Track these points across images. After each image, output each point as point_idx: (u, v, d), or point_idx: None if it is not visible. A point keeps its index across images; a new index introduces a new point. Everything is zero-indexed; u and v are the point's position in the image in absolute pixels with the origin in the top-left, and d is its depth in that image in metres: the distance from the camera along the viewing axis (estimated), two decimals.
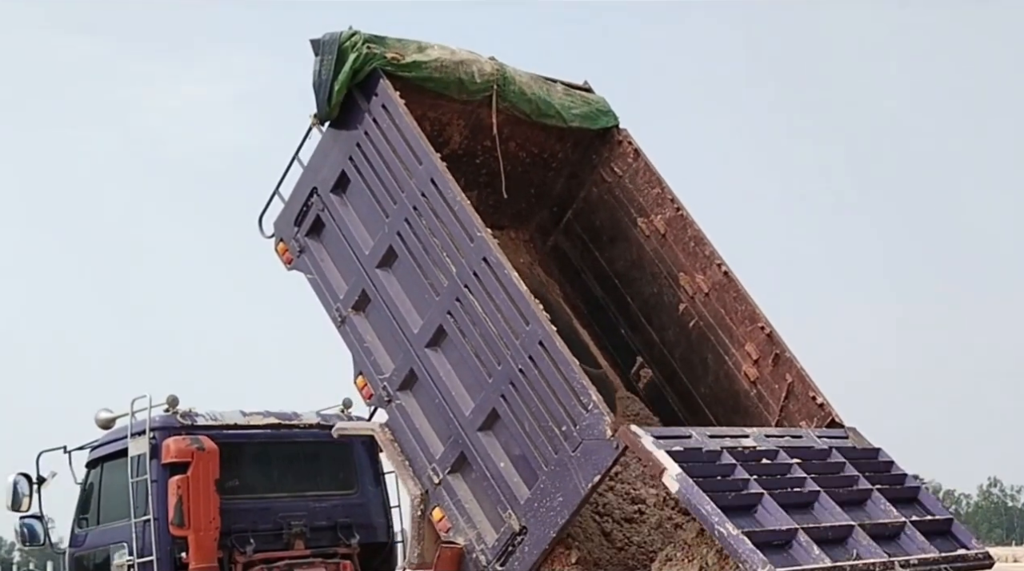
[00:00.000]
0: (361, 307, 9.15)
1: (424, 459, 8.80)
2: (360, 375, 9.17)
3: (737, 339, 9.89)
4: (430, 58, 9.30)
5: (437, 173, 8.62)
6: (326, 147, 9.33)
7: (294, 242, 9.50)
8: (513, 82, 9.80)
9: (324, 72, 9.01)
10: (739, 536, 7.13)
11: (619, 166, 10.50)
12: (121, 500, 10.64)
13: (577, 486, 7.93)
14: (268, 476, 11.08)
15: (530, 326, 8.16)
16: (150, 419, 10.43)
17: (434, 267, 8.67)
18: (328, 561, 10.93)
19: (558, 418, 8.02)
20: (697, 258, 10.09)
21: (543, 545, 8.12)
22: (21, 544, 11.92)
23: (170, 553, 10.22)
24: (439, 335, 8.69)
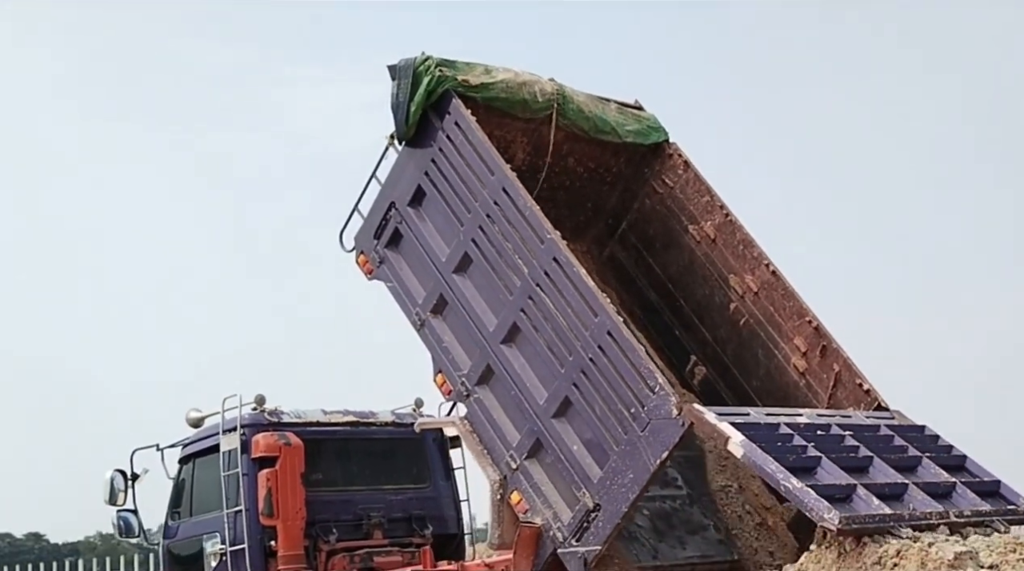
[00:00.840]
0: (439, 310, 9.93)
1: (502, 447, 9.52)
2: (439, 373, 9.93)
3: (786, 334, 10.59)
4: (496, 79, 10.11)
5: (508, 182, 9.42)
6: (402, 164, 10.14)
7: (374, 254, 10.29)
8: (572, 101, 10.60)
9: (401, 95, 9.83)
10: (804, 488, 7.81)
11: (670, 178, 11.25)
12: (213, 493, 11.41)
13: (647, 463, 8.64)
14: (348, 470, 11.84)
15: (599, 318, 8.91)
16: (240, 417, 11.23)
17: (507, 269, 9.44)
18: (404, 550, 11.67)
19: (627, 401, 8.74)
20: (746, 260, 10.81)
21: (616, 519, 8.83)
22: (118, 536, 12.72)
23: (260, 542, 10.98)
24: (513, 332, 9.45)
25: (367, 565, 11.35)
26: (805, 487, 7.83)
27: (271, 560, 10.98)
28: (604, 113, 10.95)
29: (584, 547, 8.95)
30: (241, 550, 10.99)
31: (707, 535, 10.09)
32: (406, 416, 12.24)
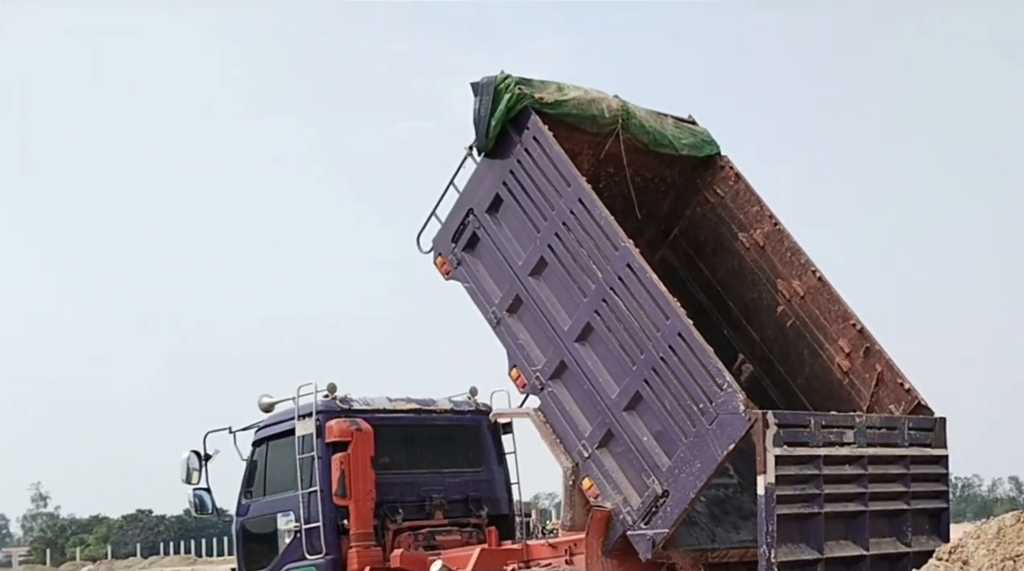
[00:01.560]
0: (515, 309, 10.70)
1: (574, 436, 10.30)
2: (514, 367, 10.71)
3: (830, 335, 11.36)
4: (568, 97, 10.88)
5: (584, 193, 10.20)
6: (481, 174, 10.90)
7: (452, 256, 11.06)
8: (635, 116, 11.36)
9: (483, 110, 10.59)
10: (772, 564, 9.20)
11: (721, 188, 12.02)
12: (287, 474, 12.24)
13: (714, 454, 9.44)
14: (411, 454, 12.70)
15: (670, 321, 9.70)
16: (316, 403, 12.03)
17: (582, 273, 10.21)
18: (463, 530, 12.50)
19: (696, 397, 9.53)
20: (793, 266, 11.58)
21: (684, 505, 9.63)
22: (194, 512, 13.55)
23: (333, 520, 11.84)
24: (587, 331, 10.23)
25: (430, 543, 12.21)
26: (773, 562, 9.26)
27: (343, 537, 11.84)
28: (662, 127, 11.71)
29: (652, 530, 9.74)
30: (315, 528, 11.81)
31: None
32: (463, 403, 13.10)
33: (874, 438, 10.13)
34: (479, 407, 13.18)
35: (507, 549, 11.40)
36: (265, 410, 12.67)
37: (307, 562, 11.93)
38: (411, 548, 11.97)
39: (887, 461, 10.31)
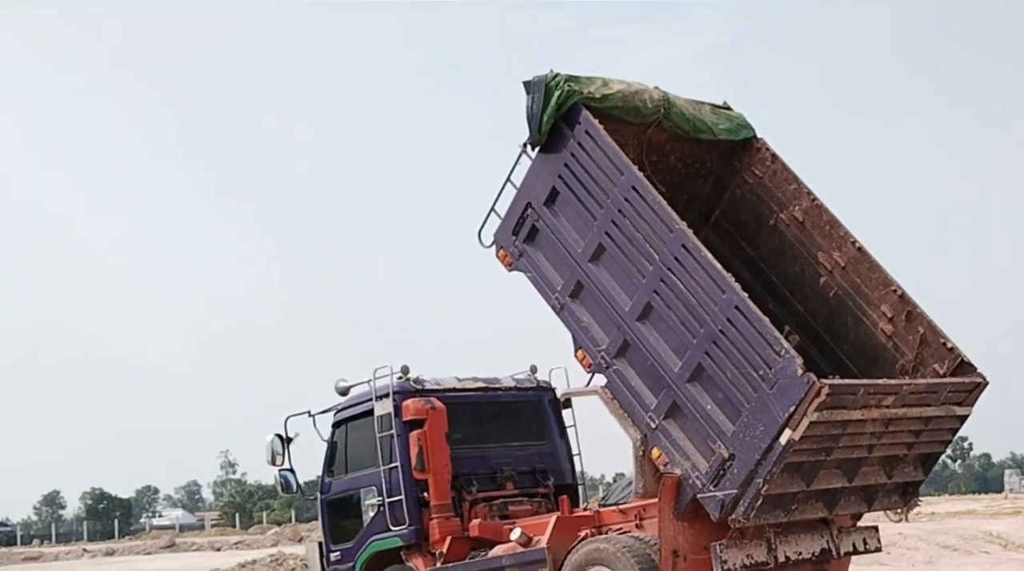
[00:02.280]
0: (576, 294, 11.36)
1: (640, 410, 10.95)
2: (579, 349, 11.36)
3: (872, 302, 11.98)
4: (613, 91, 11.53)
5: (637, 181, 10.86)
6: (537, 168, 11.56)
7: (513, 248, 11.72)
8: (675, 105, 12.01)
9: (535, 107, 11.25)
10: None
11: (759, 169, 12.66)
12: (367, 452, 13.03)
13: (776, 416, 10.07)
14: (481, 430, 13.48)
15: (726, 295, 10.34)
16: (392, 384, 12.73)
17: (640, 256, 10.86)
18: (532, 500, 13.22)
19: (755, 364, 10.17)
20: (833, 239, 12.20)
21: (750, 465, 10.25)
22: (280, 492, 14.36)
23: (414, 493, 12.63)
24: (647, 310, 10.88)
25: (503, 513, 13.00)
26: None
27: (423, 510, 12.62)
28: (701, 114, 12.35)
29: (722, 491, 10.38)
30: (398, 501, 12.58)
31: None
32: (524, 381, 13.85)
33: (911, 401, 10.81)
34: (540, 384, 13.92)
35: (580, 516, 12.06)
36: (342, 393, 13.45)
37: (391, 533, 12.72)
38: (487, 518, 12.70)
39: (911, 420, 11.01)
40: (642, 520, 11.38)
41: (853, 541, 11.72)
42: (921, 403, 10.94)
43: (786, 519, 10.64)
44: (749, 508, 10.14)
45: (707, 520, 10.61)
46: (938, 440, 11.54)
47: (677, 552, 10.69)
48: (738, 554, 10.76)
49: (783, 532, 11.10)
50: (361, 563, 13.17)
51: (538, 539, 11.78)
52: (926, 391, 11.04)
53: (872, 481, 11.16)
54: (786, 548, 11.10)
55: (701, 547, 10.75)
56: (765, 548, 10.95)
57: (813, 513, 10.89)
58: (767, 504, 10.27)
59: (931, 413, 11.05)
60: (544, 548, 11.58)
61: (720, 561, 10.62)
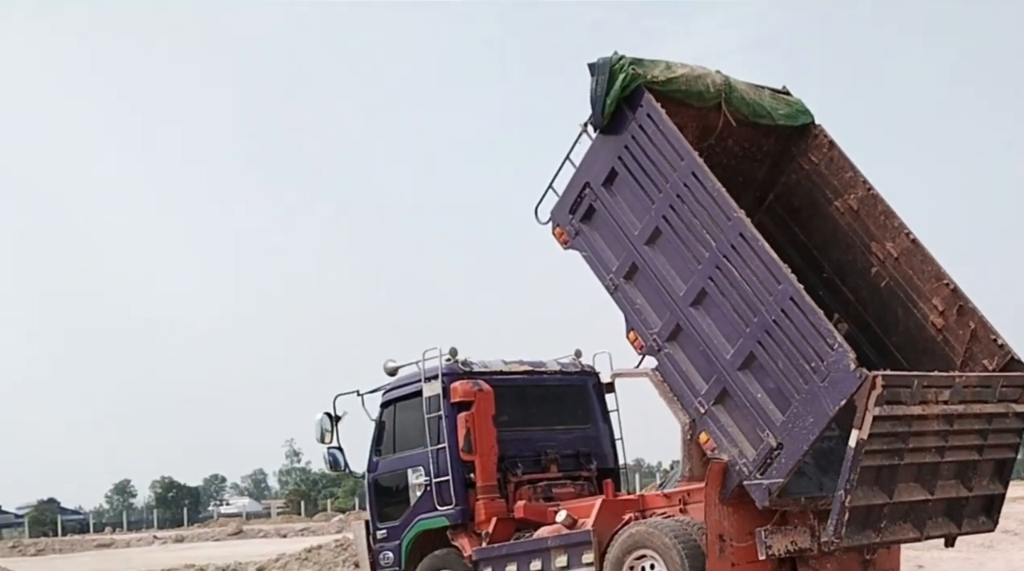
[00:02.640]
0: (631, 276, 11.42)
1: (690, 395, 11.03)
2: (631, 331, 11.44)
3: (924, 295, 11.99)
4: (677, 75, 11.53)
5: (697, 167, 10.89)
6: (596, 149, 11.59)
7: (570, 227, 11.78)
8: (736, 90, 12.01)
9: (599, 89, 11.27)
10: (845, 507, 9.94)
11: (815, 156, 12.64)
12: (416, 432, 13.15)
13: (826, 409, 10.13)
14: (526, 412, 13.59)
15: (782, 285, 10.39)
16: (441, 366, 12.84)
17: (696, 242, 10.90)
18: (575, 483, 13.34)
19: (807, 356, 10.21)
20: (887, 229, 12.19)
21: (797, 456, 10.34)
22: (328, 470, 14.54)
23: (461, 474, 12.75)
24: (701, 296, 10.93)
25: (548, 495, 13.10)
26: (846, 505, 10.06)
27: (470, 490, 12.71)
28: (761, 99, 12.34)
29: (768, 480, 10.47)
30: (445, 481, 12.71)
31: None
32: (569, 365, 13.92)
33: (968, 396, 10.80)
34: (584, 368, 14.00)
35: (625, 499, 12.20)
36: (390, 374, 13.56)
37: (438, 513, 12.85)
38: (532, 500, 12.82)
39: (973, 417, 10.99)
40: (686, 505, 11.49)
41: None
42: (978, 399, 10.92)
43: (878, 539, 10.64)
44: (838, 526, 10.09)
45: (750, 507, 10.72)
46: (1006, 444, 11.46)
47: (723, 537, 10.80)
48: (783, 540, 10.89)
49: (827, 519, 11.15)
50: (407, 542, 13.31)
51: (583, 521, 11.91)
52: (979, 385, 11.03)
53: (953, 494, 11.11)
54: None
55: (746, 533, 10.87)
56: (809, 535, 11.06)
57: (903, 534, 10.88)
58: (855, 522, 10.24)
59: (991, 410, 11.02)
60: (589, 530, 11.71)
61: (765, 546, 10.76)
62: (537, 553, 12.17)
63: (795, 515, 11.04)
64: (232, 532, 53.33)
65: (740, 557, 10.86)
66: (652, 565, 11.23)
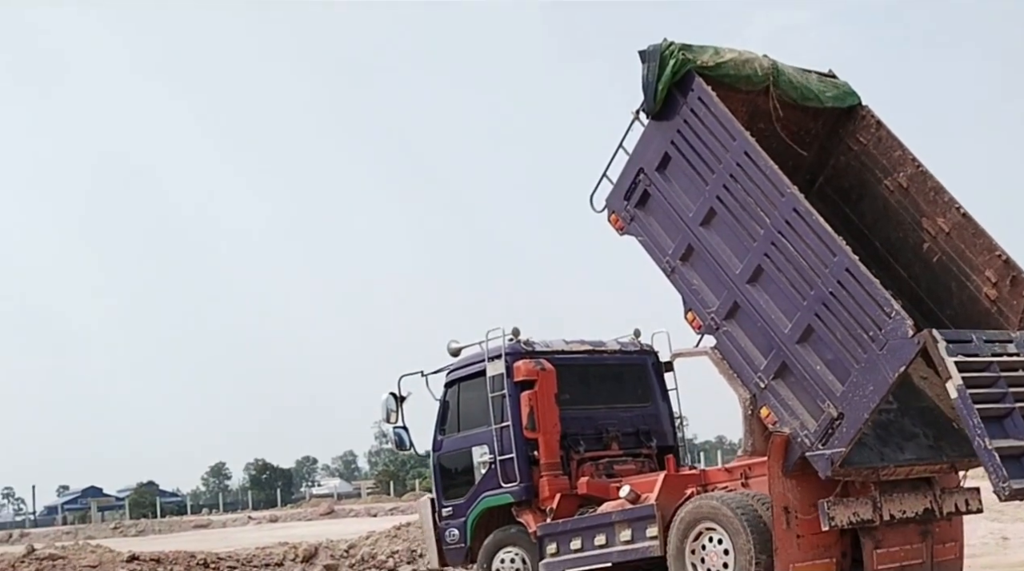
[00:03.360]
0: (687, 258, 11.67)
1: (750, 370, 11.25)
2: (690, 311, 11.68)
3: (976, 267, 12.14)
4: (725, 59, 11.79)
5: (750, 146, 11.13)
6: (649, 135, 11.86)
7: (625, 213, 12.04)
8: (784, 73, 12.25)
9: (650, 76, 11.54)
10: (990, 451, 9.81)
11: (863, 136, 12.84)
12: (480, 411, 13.47)
13: (886, 377, 10.33)
14: (588, 391, 13.88)
15: (837, 257, 10.61)
16: (504, 346, 13.13)
17: (751, 220, 11.14)
18: (636, 460, 13.60)
19: (865, 325, 10.43)
20: (937, 205, 12.37)
21: (858, 425, 10.54)
22: (395, 449, 14.90)
23: (525, 452, 13.05)
24: (758, 273, 11.17)
25: (609, 472, 13.37)
26: (991, 449, 9.81)
27: (534, 468, 13.02)
28: (808, 82, 12.57)
29: (830, 450, 10.67)
30: (509, 459, 13.04)
31: (919, 442, 11.71)
32: (628, 344, 14.21)
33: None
34: (643, 347, 14.26)
35: (687, 475, 12.42)
36: (453, 354, 13.90)
37: (503, 490, 13.16)
38: (594, 476, 13.08)
39: None
40: (747, 479, 11.70)
41: (956, 501, 11.95)
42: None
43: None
44: (998, 469, 9.95)
45: (813, 479, 10.92)
46: None
47: (788, 508, 10.99)
48: (845, 511, 11.06)
49: (888, 491, 11.38)
50: (472, 518, 13.62)
51: (647, 496, 12.14)
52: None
53: None
54: (891, 507, 11.38)
55: (809, 505, 11.06)
56: (871, 506, 11.24)
57: None
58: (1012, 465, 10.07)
59: None
60: (653, 504, 11.94)
61: (827, 517, 10.94)
62: (601, 528, 12.41)
63: (857, 487, 11.22)
64: (324, 512, 54.52)
65: (805, 529, 11.06)
66: (716, 538, 11.44)
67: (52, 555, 18.41)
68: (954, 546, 12.08)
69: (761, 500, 11.26)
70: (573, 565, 12.82)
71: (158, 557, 18.63)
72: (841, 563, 11.16)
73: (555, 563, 12.80)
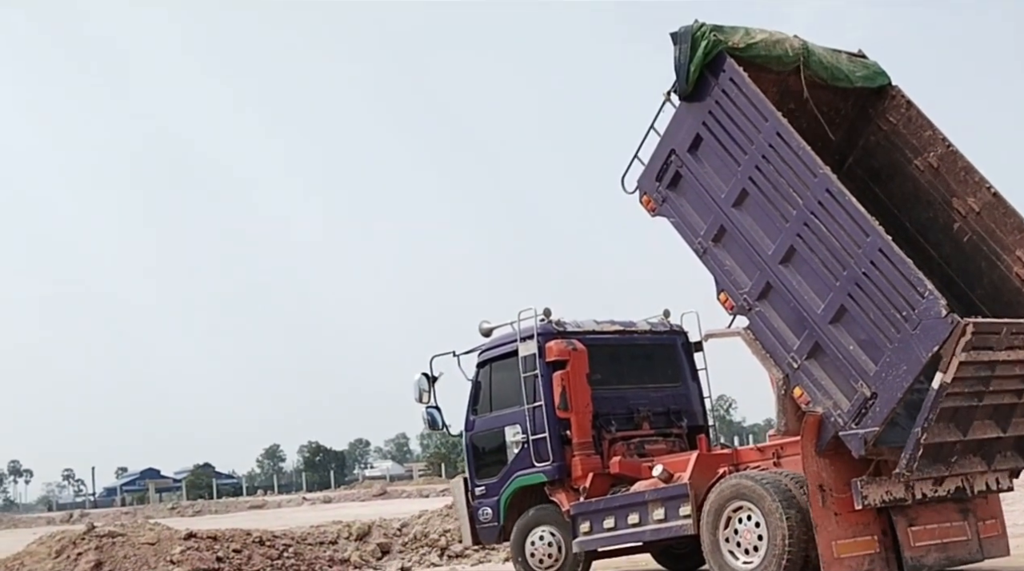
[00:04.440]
0: (719, 239, 11.71)
1: (783, 350, 11.29)
2: (722, 292, 11.72)
3: (1007, 247, 12.17)
4: (756, 40, 11.80)
5: (782, 127, 11.16)
6: (681, 116, 11.89)
7: (657, 194, 12.08)
8: (814, 54, 12.25)
9: (682, 57, 11.57)
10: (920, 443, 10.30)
11: (893, 116, 12.86)
12: (512, 391, 13.57)
13: (919, 356, 10.37)
14: (619, 371, 13.98)
15: (870, 238, 10.63)
16: (536, 326, 13.21)
17: (783, 200, 11.17)
18: (666, 439, 13.68)
19: (898, 306, 10.46)
20: (968, 185, 12.39)
21: (892, 404, 10.58)
22: (427, 428, 15.02)
23: (557, 431, 13.17)
24: (790, 253, 11.19)
25: (641, 451, 13.48)
26: (921, 442, 10.37)
27: (566, 447, 13.13)
28: (838, 62, 12.58)
29: (863, 429, 10.72)
30: (542, 438, 13.13)
31: None
32: (658, 324, 14.29)
33: None
34: (673, 328, 14.33)
35: (719, 454, 12.52)
36: (485, 335, 14.01)
37: (535, 469, 13.27)
38: (626, 456, 13.18)
39: None
40: (779, 458, 11.78)
41: (987, 480, 11.99)
42: None
43: (947, 473, 10.98)
44: (911, 460, 10.45)
45: (846, 458, 10.98)
46: None
47: (823, 487, 11.05)
48: (878, 490, 11.12)
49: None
50: (506, 497, 13.75)
51: (679, 475, 12.22)
52: None
53: None
54: (922, 486, 11.43)
55: (842, 484, 11.12)
56: (903, 485, 11.28)
57: (971, 467, 11.18)
58: (927, 457, 10.56)
59: None
60: (686, 483, 12.02)
61: (861, 496, 11.00)
62: (634, 507, 12.51)
63: (889, 466, 11.24)
64: (376, 493, 55.03)
65: (841, 507, 11.12)
66: (750, 516, 11.52)
67: (112, 532, 18.67)
68: (995, 523, 12.18)
69: (794, 479, 11.34)
70: (606, 543, 12.94)
71: (215, 535, 18.84)
72: (883, 541, 11.20)
73: (588, 541, 12.91)
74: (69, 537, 18.70)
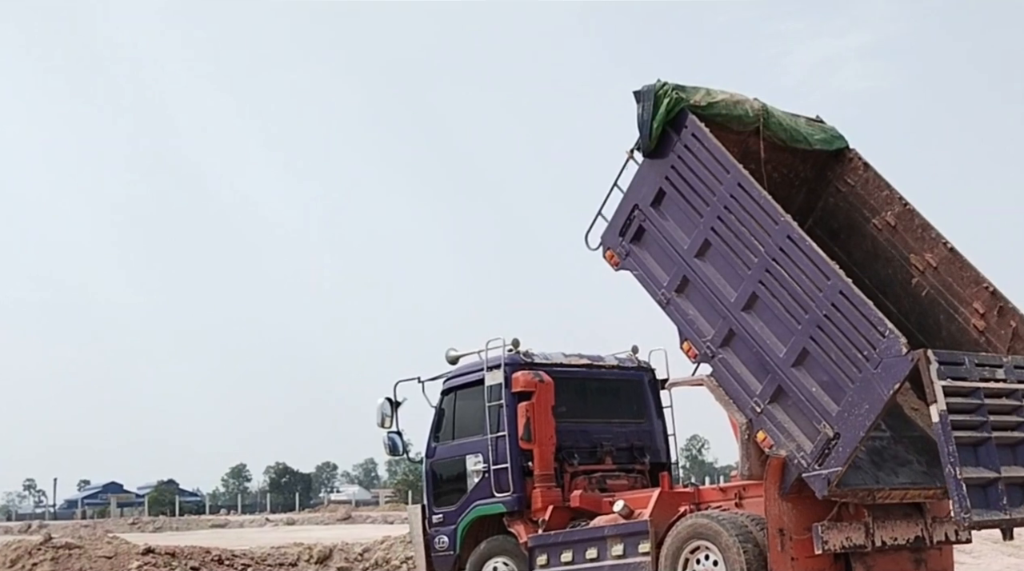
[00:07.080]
0: (682, 289, 11.98)
1: (746, 396, 11.50)
2: (685, 341, 11.96)
3: (964, 300, 12.49)
4: (717, 99, 12.22)
5: (743, 178, 11.52)
6: (644, 173, 12.24)
7: (620, 249, 12.38)
8: (773, 115, 12.69)
9: (645, 114, 11.96)
10: (958, 480, 10.07)
11: (851, 178, 13.27)
12: (475, 420, 13.63)
13: (880, 395, 10.59)
14: (584, 405, 14.09)
15: (831, 281, 10.92)
16: (503, 356, 13.35)
17: (745, 249, 11.47)
18: (628, 475, 13.78)
19: (859, 345, 10.70)
20: (925, 241, 12.75)
21: (854, 443, 10.77)
22: (387, 454, 15.01)
23: (519, 462, 13.22)
24: (752, 300, 11.47)
25: (602, 486, 13.56)
26: (960, 479, 10.10)
27: (527, 478, 13.21)
28: (797, 125, 13.02)
29: (827, 469, 10.89)
30: (503, 468, 13.22)
31: (913, 468, 11.94)
32: (626, 360, 14.48)
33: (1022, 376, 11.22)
34: (640, 364, 14.51)
35: (681, 492, 12.58)
36: (451, 362, 14.10)
37: (495, 499, 13.32)
38: (587, 490, 13.26)
39: None
40: (741, 499, 11.90)
41: (946, 531, 12.16)
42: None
43: (1007, 517, 10.66)
44: (961, 500, 10.22)
45: (808, 502, 11.17)
46: None
47: (783, 531, 11.20)
48: (838, 535, 11.28)
49: (881, 517, 11.61)
50: (463, 526, 13.68)
51: (640, 512, 12.29)
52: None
53: None
54: (883, 533, 11.63)
55: (803, 527, 11.28)
56: (863, 531, 11.47)
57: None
58: (976, 497, 10.36)
59: None
60: (647, 520, 12.09)
61: (821, 541, 11.15)
62: (593, 542, 12.54)
63: (850, 511, 11.45)
64: (341, 517, 54.92)
65: (799, 551, 11.26)
66: (708, 556, 11.62)
67: (69, 544, 18.51)
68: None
69: (755, 520, 11.46)
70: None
71: (173, 551, 18.70)
72: None
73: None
74: (25, 547, 18.53)
